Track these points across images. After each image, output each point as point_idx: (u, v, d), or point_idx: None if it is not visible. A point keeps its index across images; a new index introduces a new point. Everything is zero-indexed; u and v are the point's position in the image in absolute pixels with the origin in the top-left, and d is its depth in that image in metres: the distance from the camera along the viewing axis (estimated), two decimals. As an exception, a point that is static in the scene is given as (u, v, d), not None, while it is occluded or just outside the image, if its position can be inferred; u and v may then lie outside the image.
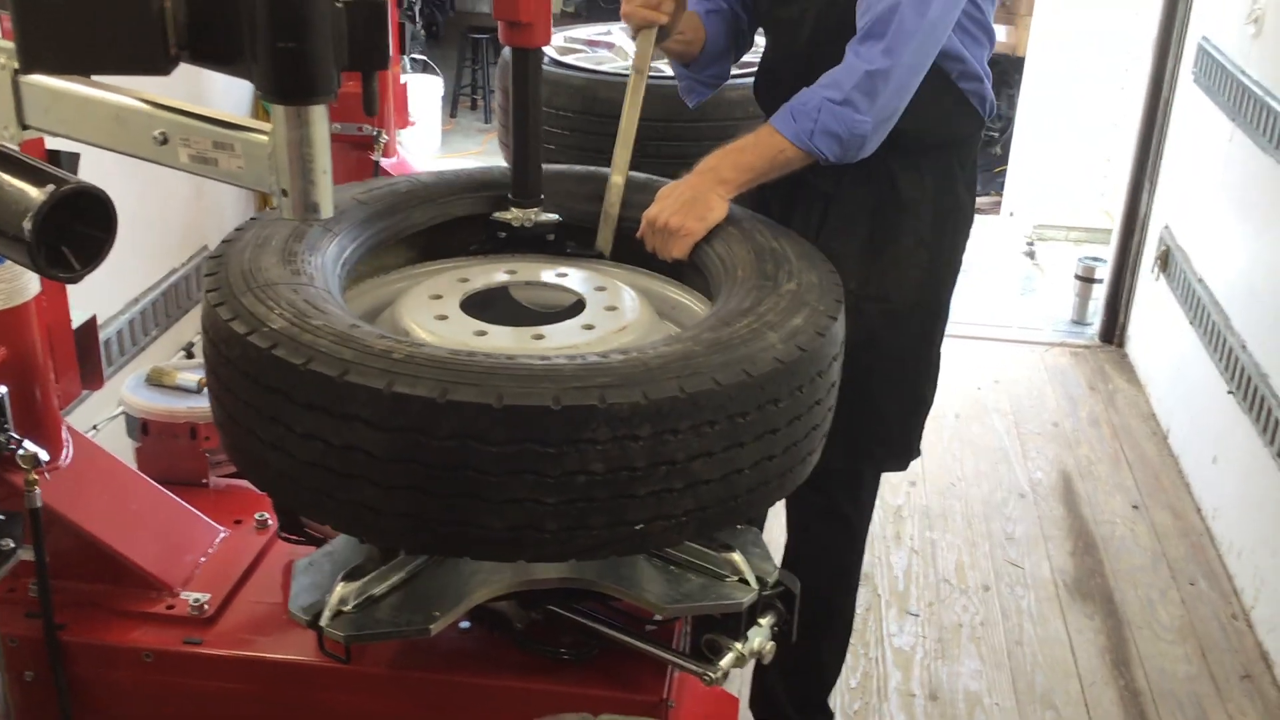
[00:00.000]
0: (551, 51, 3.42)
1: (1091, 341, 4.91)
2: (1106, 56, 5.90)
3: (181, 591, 1.83)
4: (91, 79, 1.20)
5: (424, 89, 6.64)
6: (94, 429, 2.38)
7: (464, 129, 7.74)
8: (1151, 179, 4.62)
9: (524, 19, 1.86)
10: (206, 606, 1.80)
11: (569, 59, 3.45)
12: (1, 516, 1.63)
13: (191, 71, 1.14)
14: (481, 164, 2.12)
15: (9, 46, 1.17)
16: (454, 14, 9.37)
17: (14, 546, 1.61)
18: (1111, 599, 3.28)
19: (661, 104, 3.20)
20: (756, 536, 1.76)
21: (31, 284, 1.73)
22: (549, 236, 2.01)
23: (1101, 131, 6.02)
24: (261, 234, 1.68)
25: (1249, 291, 3.48)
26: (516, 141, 1.96)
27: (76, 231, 1.19)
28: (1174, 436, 4.07)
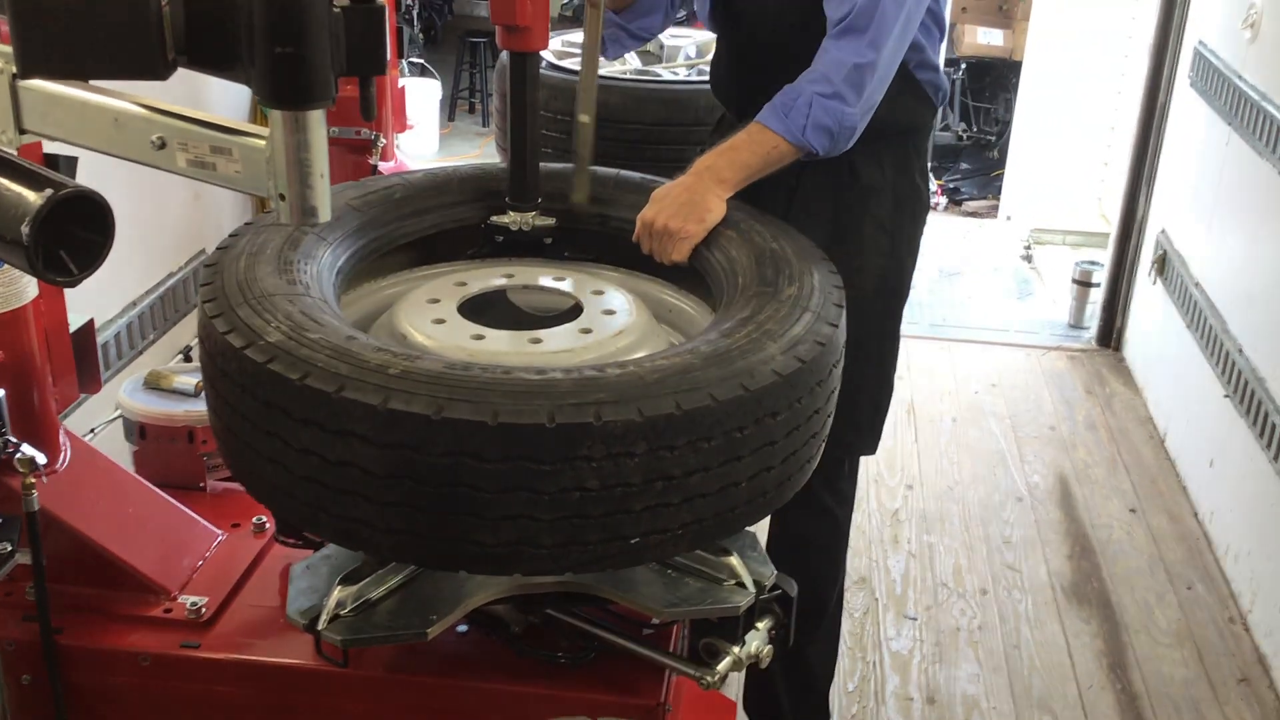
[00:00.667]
0: (549, 56, 3.42)
1: (1089, 345, 4.92)
2: (1104, 60, 5.91)
3: (179, 595, 1.83)
4: (89, 84, 1.21)
5: (422, 93, 6.64)
6: (91, 432, 2.37)
7: (462, 133, 7.75)
8: (1148, 183, 4.62)
9: (522, 23, 1.86)
10: (204, 610, 1.80)
11: (566, 63, 3.45)
12: (-1, 520, 1.63)
13: (189, 76, 1.15)
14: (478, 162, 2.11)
15: (7, 51, 1.17)
16: (452, 18, 9.38)
17: (11, 550, 1.61)
18: (1109, 603, 3.28)
19: (660, 107, 3.20)
20: (754, 540, 1.76)
21: (29, 287, 1.73)
22: (546, 240, 2.01)
23: (1099, 136, 6.03)
24: (256, 241, 1.68)
25: (1246, 295, 3.48)
26: (514, 145, 1.96)
27: (74, 236, 1.19)
28: (1171, 440, 4.07)
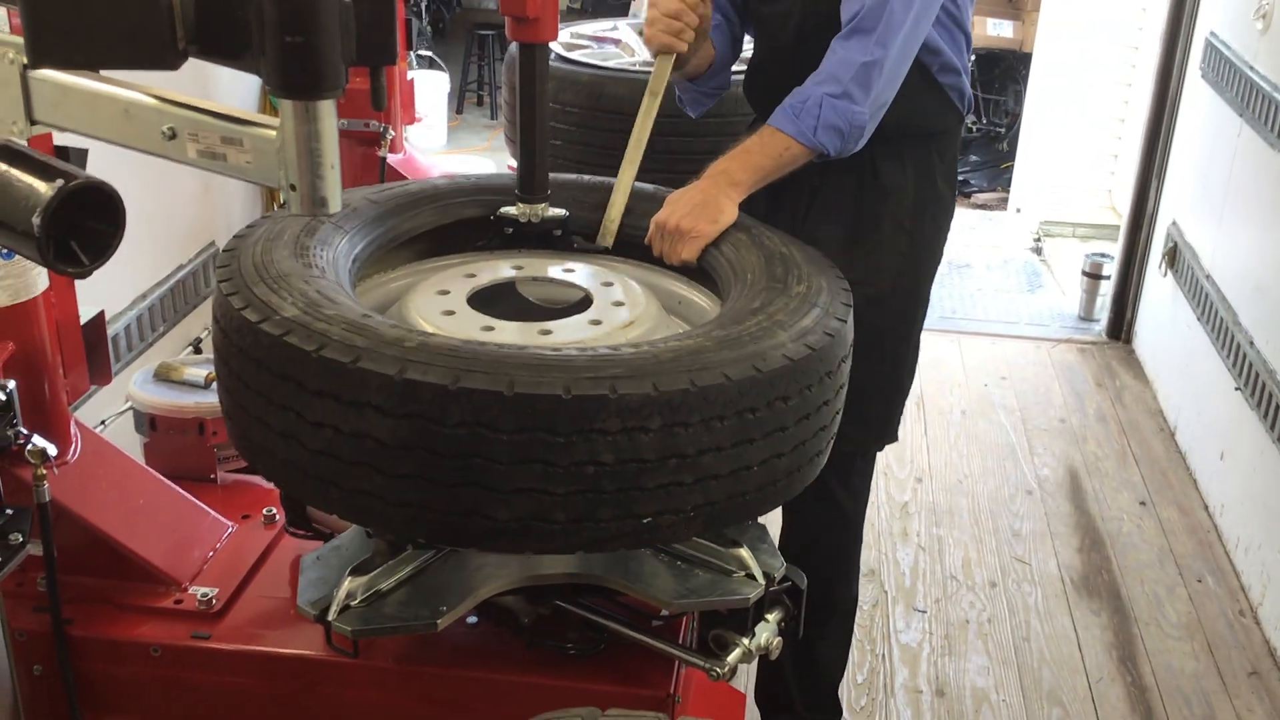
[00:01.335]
0: (558, 47, 3.41)
1: (1099, 338, 4.91)
2: (1113, 52, 5.88)
3: (189, 586, 1.84)
4: (100, 74, 1.20)
5: (430, 85, 6.64)
6: (102, 424, 2.38)
7: (470, 125, 7.74)
8: (1159, 175, 4.61)
9: (531, 14, 1.86)
10: (214, 601, 1.80)
11: (575, 55, 3.44)
12: (10, 511, 1.63)
13: (199, 67, 1.14)
14: (488, 161, 2.12)
15: (18, 42, 1.17)
16: (460, 10, 9.38)
17: (22, 541, 1.61)
18: (1119, 595, 3.28)
19: (671, 102, 3.20)
20: (763, 532, 1.76)
21: (40, 279, 1.74)
22: (555, 232, 2.01)
23: (1109, 127, 6.00)
24: (274, 229, 1.69)
25: (1256, 288, 3.47)
26: (523, 137, 1.96)
27: (85, 227, 1.20)
28: (1181, 433, 4.06)
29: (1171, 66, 4.50)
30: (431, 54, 7.57)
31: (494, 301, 1.82)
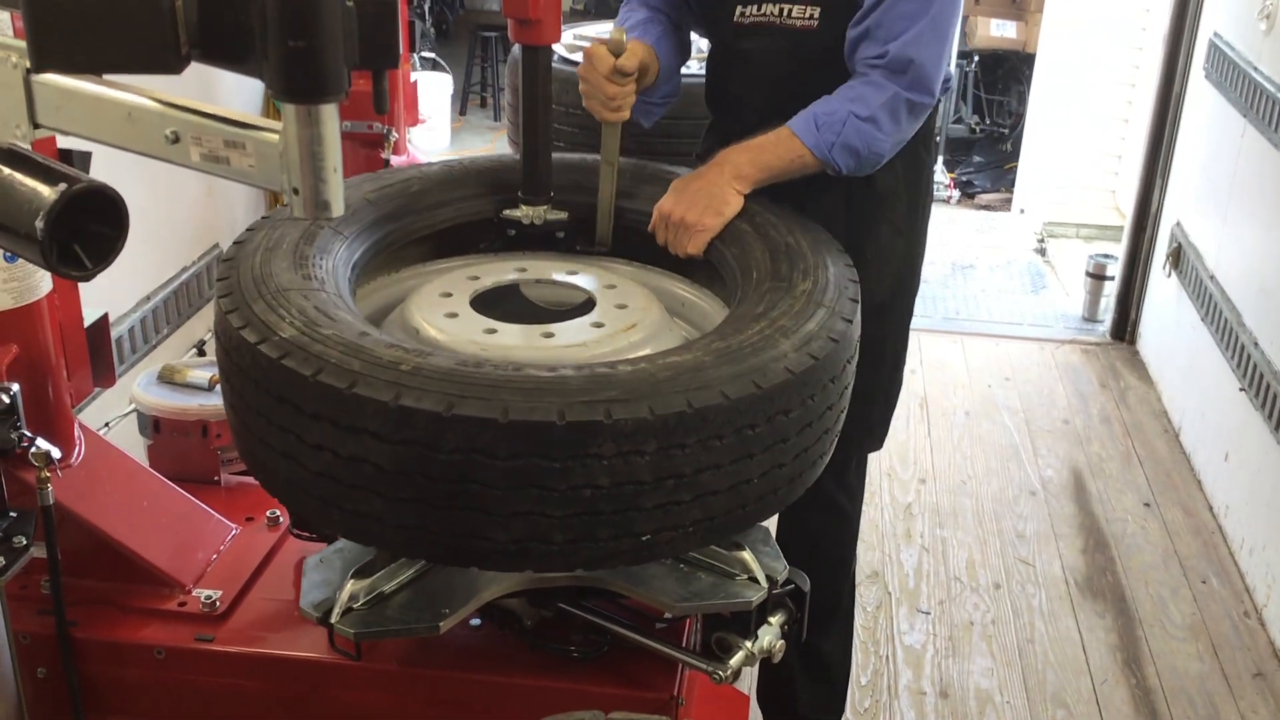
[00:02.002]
0: (561, 49, 3.41)
1: (1103, 339, 4.90)
2: (1117, 52, 5.88)
3: (193, 588, 1.84)
4: (103, 78, 1.21)
5: (433, 87, 6.64)
6: (106, 426, 2.38)
7: (473, 127, 7.75)
8: (1163, 176, 4.60)
9: (534, 16, 1.86)
10: (218, 603, 1.80)
11: (578, 56, 3.45)
12: (14, 514, 1.64)
13: (202, 70, 1.14)
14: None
15: (21, 46, 1.17)
16: (463, 12, 9.39)
17: (26, 544, 1.61)
18: (1123, 597, 3.27)
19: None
20: (766, 535, 1.76)
21: (44, 282, 1.74)
22: (559, 234, 2.01)
23: (1112, 128, 6.00)
24: (272, 237, 1.69)
25: (1261, 289, 3.46)
26: (526, 139, 1.96)
27: (88, 230, 1.20)
28: (1186, 434, 4.05)
29: (1175, 67, 4.49)
30: (435, 55, 7.57)
31: (497, 304, 1.82)
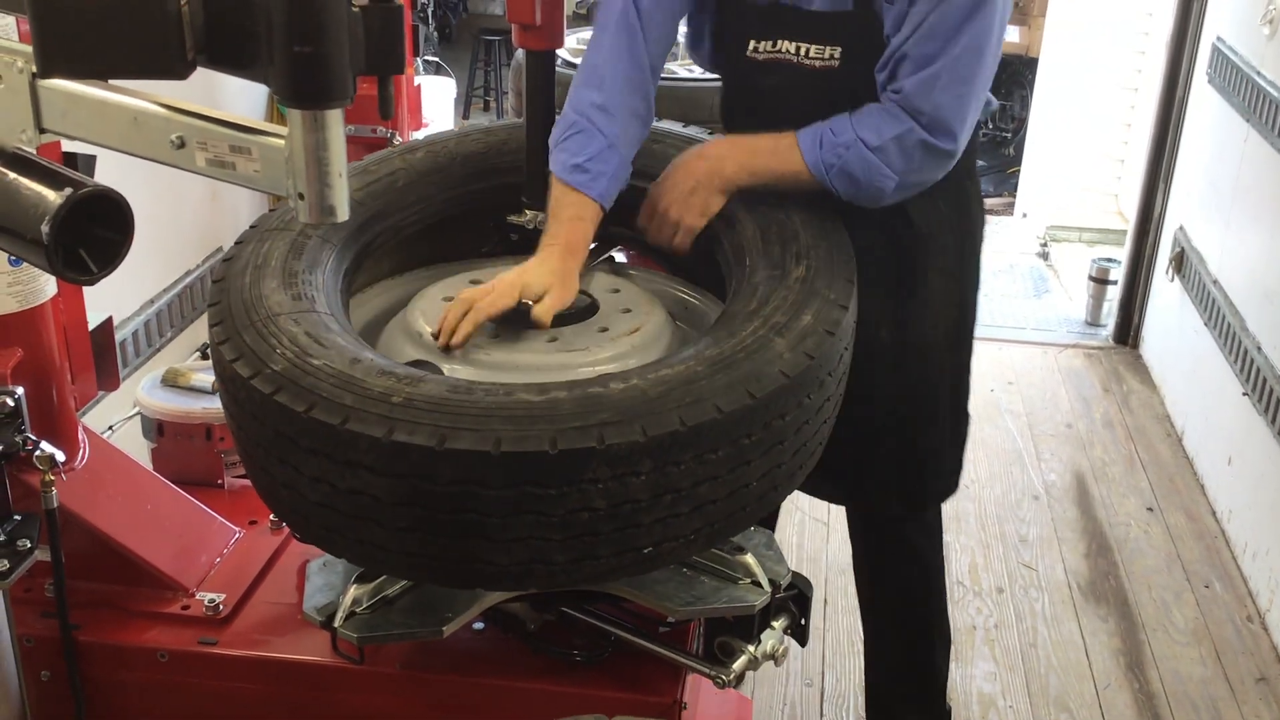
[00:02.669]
0: (564, 54, 3.42)
1: (1105, 343, 4.90)
2: (1120, 57, 5.88)
3: (197, 592, 1.84)
4: (109, 83, 1.21)
5: (437, 91, 6.63)
6: (110, 430, 2.39)
7: (477, 130, 7.74)
8: (1166, 180, 4.60)
9: (537, 22, 1.86)
10: (221, 607, 1.80)
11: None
12: (18, 517, 1.64)
13: (207, 76, 1.15)
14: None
15: (27, 50, 1.17)
16: (467, 16, 9.39)
17: (30, 547, 1.61)
18: (1126, 601, 3.27)
19: (674, 104, 3.20)
20: (769, 538, 1.76)
21: (48, 285, 1.74)
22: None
23: (1115, 132, 6.00)
24: (260, 253, 1.67)
25: (1264, 293, 3.46)
26: (530, 144, 1.96)
27: (93, 234, 1.20)
28: (1189, 438, 4.05)
29: (1178, 71, 4.49)
30: (438, 59, 7.57)
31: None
